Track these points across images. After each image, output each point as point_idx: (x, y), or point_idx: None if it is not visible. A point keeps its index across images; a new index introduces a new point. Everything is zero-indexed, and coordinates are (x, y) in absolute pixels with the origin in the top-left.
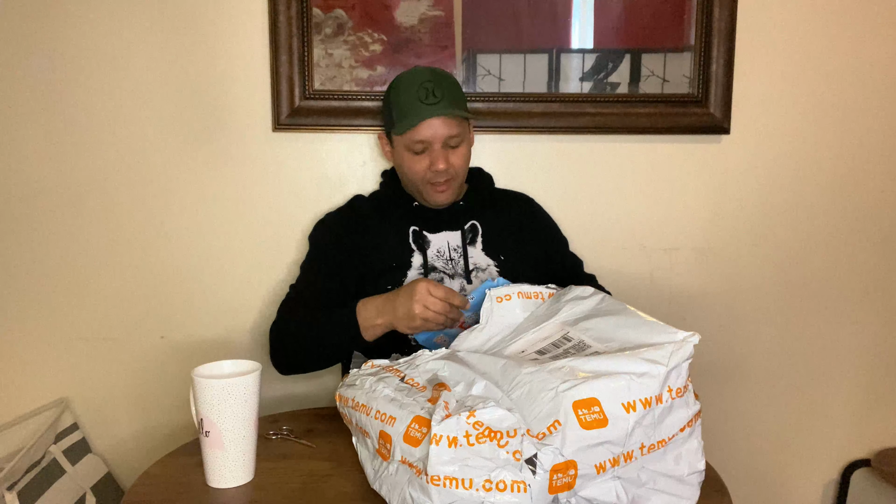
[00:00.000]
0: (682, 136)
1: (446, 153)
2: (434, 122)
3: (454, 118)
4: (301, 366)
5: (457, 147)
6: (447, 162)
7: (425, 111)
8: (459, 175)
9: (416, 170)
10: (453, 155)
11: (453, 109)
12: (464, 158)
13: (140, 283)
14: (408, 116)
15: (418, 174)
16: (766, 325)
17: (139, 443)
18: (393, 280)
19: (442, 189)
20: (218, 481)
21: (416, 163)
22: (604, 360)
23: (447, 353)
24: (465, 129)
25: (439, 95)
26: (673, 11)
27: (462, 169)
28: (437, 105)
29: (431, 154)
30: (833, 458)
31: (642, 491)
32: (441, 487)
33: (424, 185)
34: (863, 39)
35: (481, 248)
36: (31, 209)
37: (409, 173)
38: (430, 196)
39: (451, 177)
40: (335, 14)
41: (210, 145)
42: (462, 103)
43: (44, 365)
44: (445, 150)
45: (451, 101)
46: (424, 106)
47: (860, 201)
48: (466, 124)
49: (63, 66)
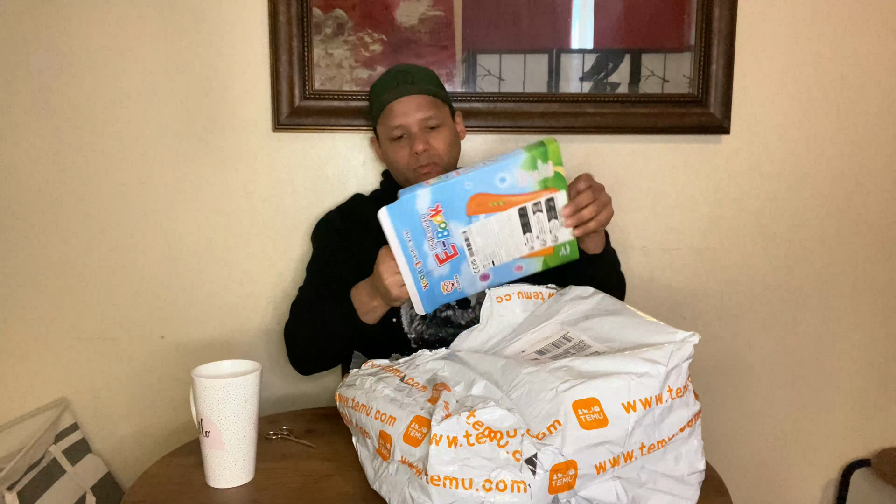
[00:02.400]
0: (682, 136)
1: (425, 136)
2: (406, 102)
3: (428, 100)
4: (317, 362)
5: (436, 130)
6: (426, 143)
7: (396, 93)
8: (444, 159)
9: (399, 159)
10: (433, 138)
11: (425, 87)
12: (446, 143)
13: (140, 283)
14: (382, 103)
15: (402, 162)
16: (766, 324)
17: (139, 443)
18: None
19: (426, 170)
20: (218, 481)
21: (398, 151)
22: (604, 359)
23: (447, 352)
24: (443, 113)
25: (409, 81)
26: (673, 11)
27: (446, 153)
28: (409, 87)
29: (410, 139)
30: (833, 458)
31: (642, 491)
32: (441, 487)
33: (410, 173)
34: (863, 39)
35: None
36: (31, 209)
37: (396, 165)
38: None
39: (434, 160)
40: (335, 14)
41: (210, 145)
42: (436, 88)
43: (44, 365)
44: (424, 133)
45: (424, 83)
46: (395, 90)
47: (860, 201)
48: (445, 110)
49: (63, 66)
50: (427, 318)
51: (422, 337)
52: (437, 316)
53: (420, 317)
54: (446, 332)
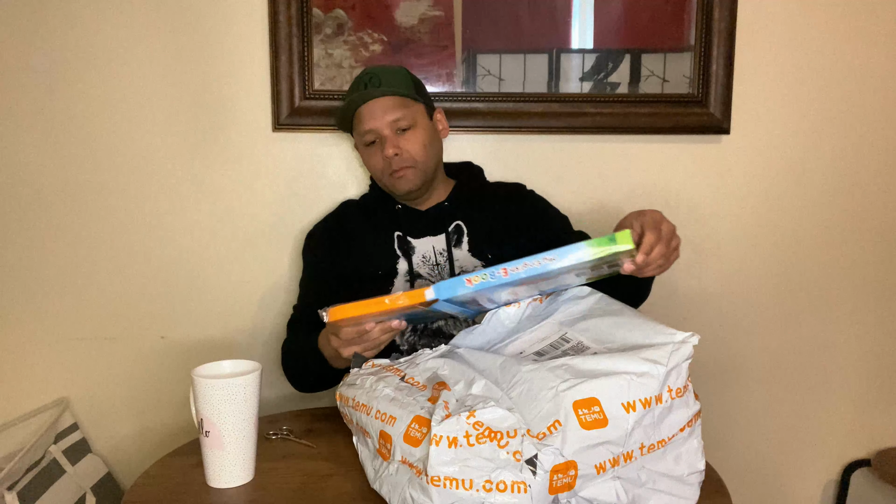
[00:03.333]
0: (682, 136)
1: (396, 139)
2: (372, 106)
3: (396, 101)
4: (313, 388)
5: (408, 131)
6: (397, 147)
7: (362, 97)
8: (418, 161)
9: (374, 164)
10: (404, 140)
11: (391, 88)
12: (419, 144)
13: (140, 283)
14: (351, 108)
15: (378, 168)
16: (766, 324)
17: (139, 443)
18: (381, 288)
19: (400, 174)
20: (218, 481)
21: (373, 156)
22: (603, 359)
23: (447, 350)
24: (414, 112)
25: (376, 83)
26: (673, 11)
27: (420, 154)
28: (374, 90)
29: (381, 143)
30: (833, 458)
31: (642, 491)
32: (441, 488)
33: (386, 178)
34: (863, 39)
35: (467, 249)
36: (31, 209)
37: (372, 171)
38: (393, 187)
39: (407, 164)
40: (335, 14)
41: (210, 145)
42: (404, 87)
43: (44, 365)
44: (395, 136)
45: (390, 85)
46: (361, 94)
47: (860, 201)
48: (418, 108)
49: (63, 66)
50: (419, 330)
51: (414, 348)
52: (429, 327)
53: (412, 328)
54: (438, 342)
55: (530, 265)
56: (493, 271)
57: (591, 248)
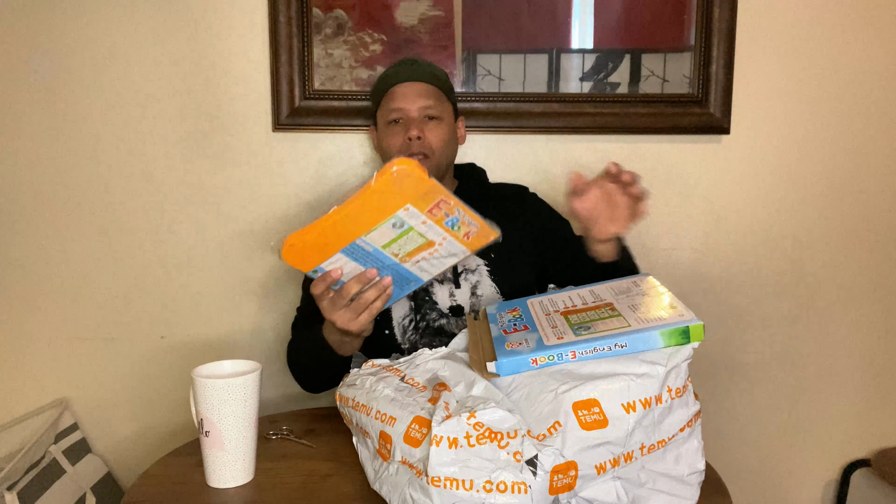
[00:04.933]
0: (682, 136)
1: (422, 125)
2: (409, 87)
3: (432, 90)
4: (318, 388)
5: (434, 121)
6: (421, 131)
7: (401, 76)
8: (435, 153)
9: (392, 144)
10: (429, 128)
11: (430, 77)
12: (441, 137)
13: (140, 283)
14: (387, 85)
15: (395, 148)
16: (767, 325)
17: (139, 443)
18: None
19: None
20: (218, 481)
21: (393, 136)
22: (603, 360)
23: (447, 352)
24: (444, 108)
25: (416, 67)
26: (673, 11)
27: (439, 149)
28: (416, 73)
29: (407, 124)
30: (833, 458)
31: (642, 491)
32: (441, 488)
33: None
34: (863, 39)
35: None
36: (30, 209)
37: (388, 151)
38: None
39: (425, 152)
40: (335, 14)
41: (210, 145)
42: (443, 82)
43: (44, 365)
44: (422, 121)
45: (430, 73)
46: (402, 73)
47: (860, 201)
48: (448, 107)
49: (63, 66)
50: (420, 328)
51: (415, 347)
52: (431, 326)
53: (413, 327)
54: (440, 341)
55: (600, 350)
56: (560, 352)
57: (662, 339)
